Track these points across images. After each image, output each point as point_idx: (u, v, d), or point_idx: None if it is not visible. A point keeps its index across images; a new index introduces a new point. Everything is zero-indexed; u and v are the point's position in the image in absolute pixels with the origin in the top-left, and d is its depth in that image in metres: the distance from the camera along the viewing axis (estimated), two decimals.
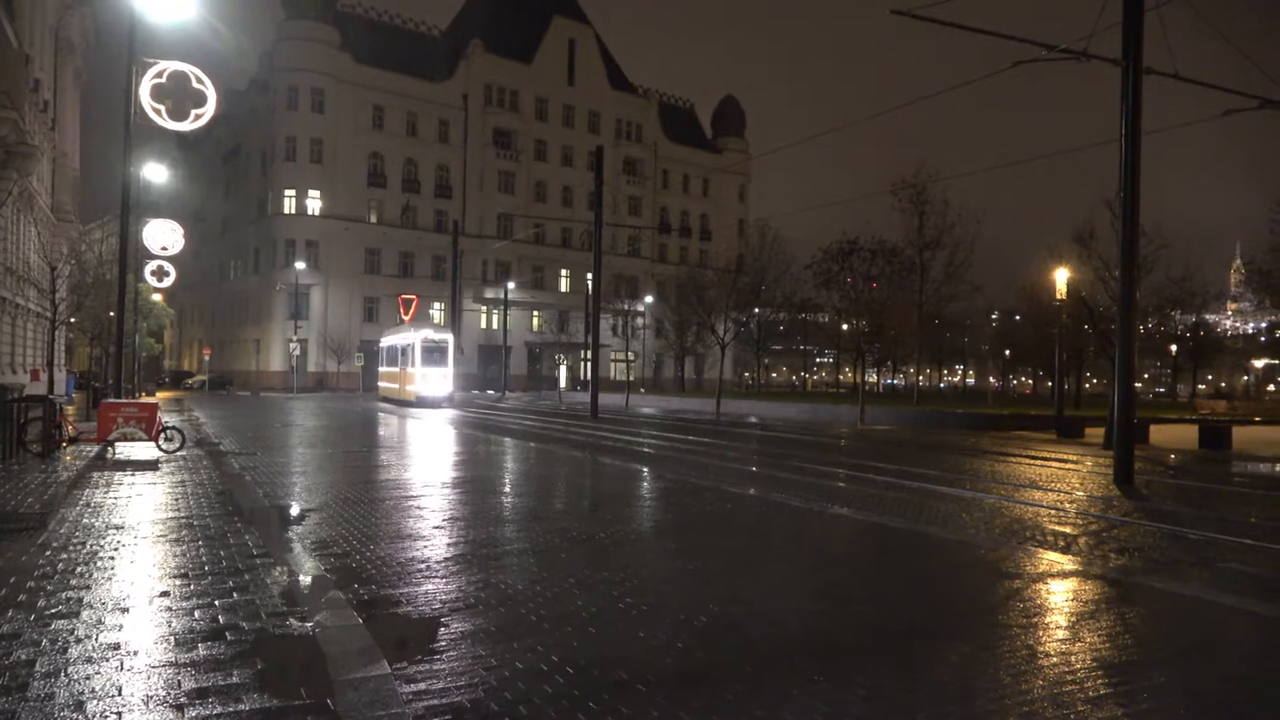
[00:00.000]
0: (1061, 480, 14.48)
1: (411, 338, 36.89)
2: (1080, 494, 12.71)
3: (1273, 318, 62.44)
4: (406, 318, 47.03)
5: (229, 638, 4.59)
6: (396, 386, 38.80)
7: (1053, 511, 10.88)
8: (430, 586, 5.88)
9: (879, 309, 36.81)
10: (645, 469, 13.85)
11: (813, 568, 7.08)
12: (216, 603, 5.27)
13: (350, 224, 63.06)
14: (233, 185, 71.30)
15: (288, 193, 61.92)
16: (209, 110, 14.51)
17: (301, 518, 8.67)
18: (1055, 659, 4.64)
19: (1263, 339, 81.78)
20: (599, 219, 36.54)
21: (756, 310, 64.20)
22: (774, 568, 6.95)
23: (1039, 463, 17.61)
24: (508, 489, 11.38)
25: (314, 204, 62.42)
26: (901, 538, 8.50)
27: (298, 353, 53.58)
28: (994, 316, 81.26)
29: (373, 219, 65.26)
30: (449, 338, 37.41)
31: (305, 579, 6.00)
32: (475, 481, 12.00)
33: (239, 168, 69.45)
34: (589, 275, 66.30)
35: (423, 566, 6.48)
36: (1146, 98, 14.41)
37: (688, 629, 5.00)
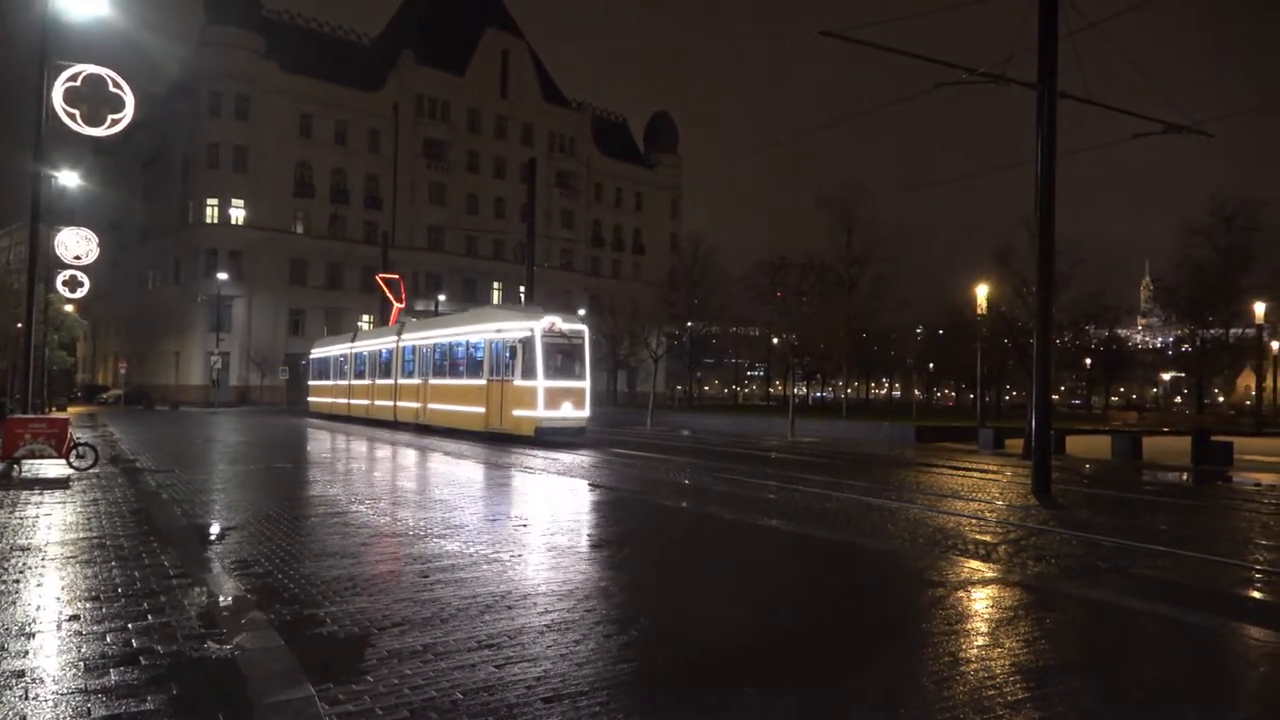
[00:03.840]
0: (982, 490, 14.89)
1: (494, 327, 23.38)
2: (1000, 503, 13.09)
3: (1179, 332, 65.32)
4: (400, 304, 36.73)
5: (143, 662, 4.42)
6: (453, 409, 25.50)
7: (974, 521, 11.18)
8: (357, 605, 5.75)
9: (808, 323, 37.47)
10: (578, 480, 13.80)
11: (744, 580, 7.14)
12: (130, 626, 5.07)
13: (276, 234, 61.58)
14: (152, 193, 69.02)
15: (210, 201, 60.19)
16: (127, 116, 14.05)
17: (222, 536, 8.41)
18: (977, 665, 4.76)
19: (1170, 353, 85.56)
20: (532, 231, 36.49)
21: (690, 324, 64.72)
22: (706, 580, 6.98)
23: (961, 473, 18.08)
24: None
25: (238, 213, 60.78)
26: (830, 548, 8.64)
27: (219, 366, 52.00)
28: (919, 331, 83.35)
29: (299, 229, 63.84)
30: (584, 331, 23.31)
31: (225, 600, 5.81)
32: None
33: (159, 175, 67.29)
34: (521, 288, 65.92)
35: (349, 585, 6.34)
36: (1064, 121, 15.01)
37: (618, 642, 5.00)
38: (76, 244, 28.10)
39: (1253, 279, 53.78)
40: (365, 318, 64.93)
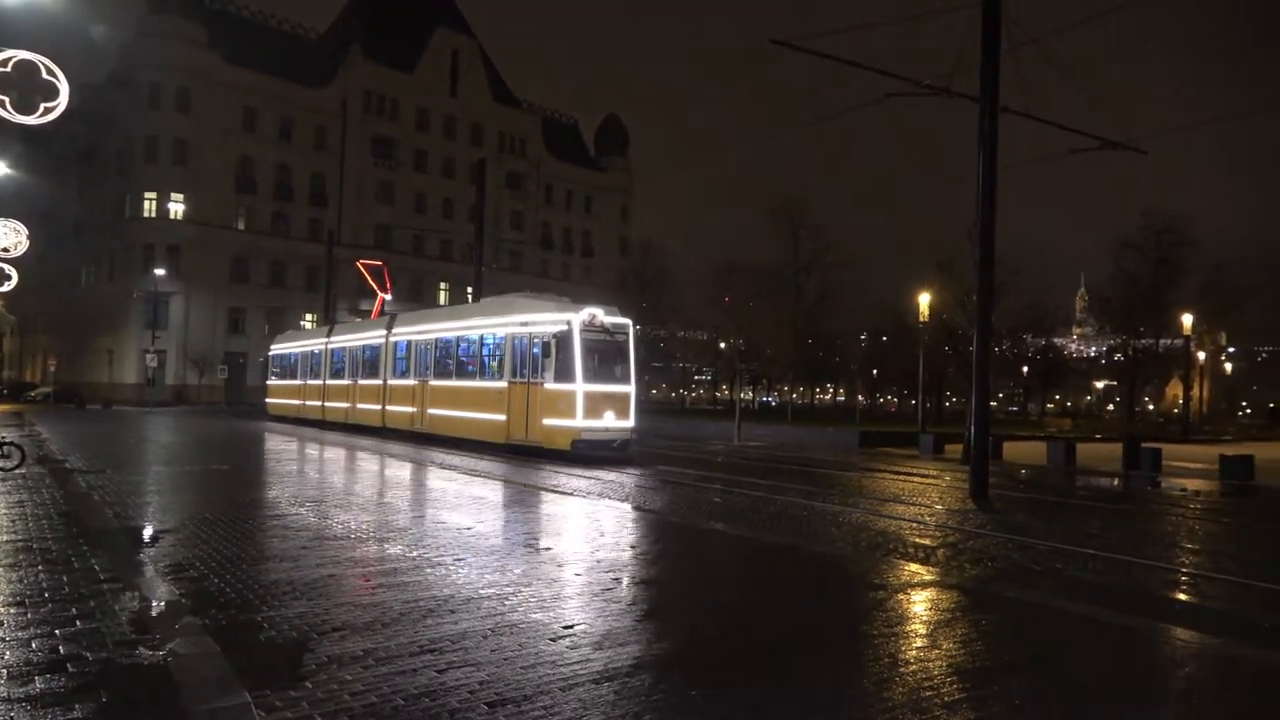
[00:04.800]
0: (923, 495, 15.17)
1: (519, 320, 19.98)
2: (939, 508, 13.35)
3: (1112, 342, 67.36)
4: (384, 294, 33.97)
5: (70, 669, 4.28)
6: (462, 416, 21.96)
7: (914, 525, 11.39)
8: (296, 609, 5.64)
9: (755, 328, 37.79)
10: (531, 487, 13.73)
11: (688, 583, 7.17)
12: (57, 632, 4.90)
13: (216, 230, 60.15)
14: (88, 185, 66.94)
15: (148, 195, 58.56)
16: (61, 104, 13.62)
17: (156, 539, 8.18)
18: (915, 666, 4.85)
19: (1103, 362, 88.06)
20: (480, 233, 36.18)
21: (638, 327, 64.84)
22: (649, 583, 6.99)
23: (902, 478, 18.40)
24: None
25: (177, 208, 59.21)
26: (775, 552, 8.72)
27: (155, 365, 50.61)
28: (863, 337, 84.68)
29: (241, 226, 62.46)
30: (629, 325, 20.11)
31: (158, 604, 5.66)
32: None
33: (95, 167, 65.28)
34: (469, 289, 65.33)
35: (288, 588, 6.22)
36: (1007, 135, 15.40)
37: (555, 648, 4.98)
38: (4, 236, 27.11)
39: (1182, 291, 55.79)
40: (308, 316, 63.80)
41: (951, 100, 16.10)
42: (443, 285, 72.60)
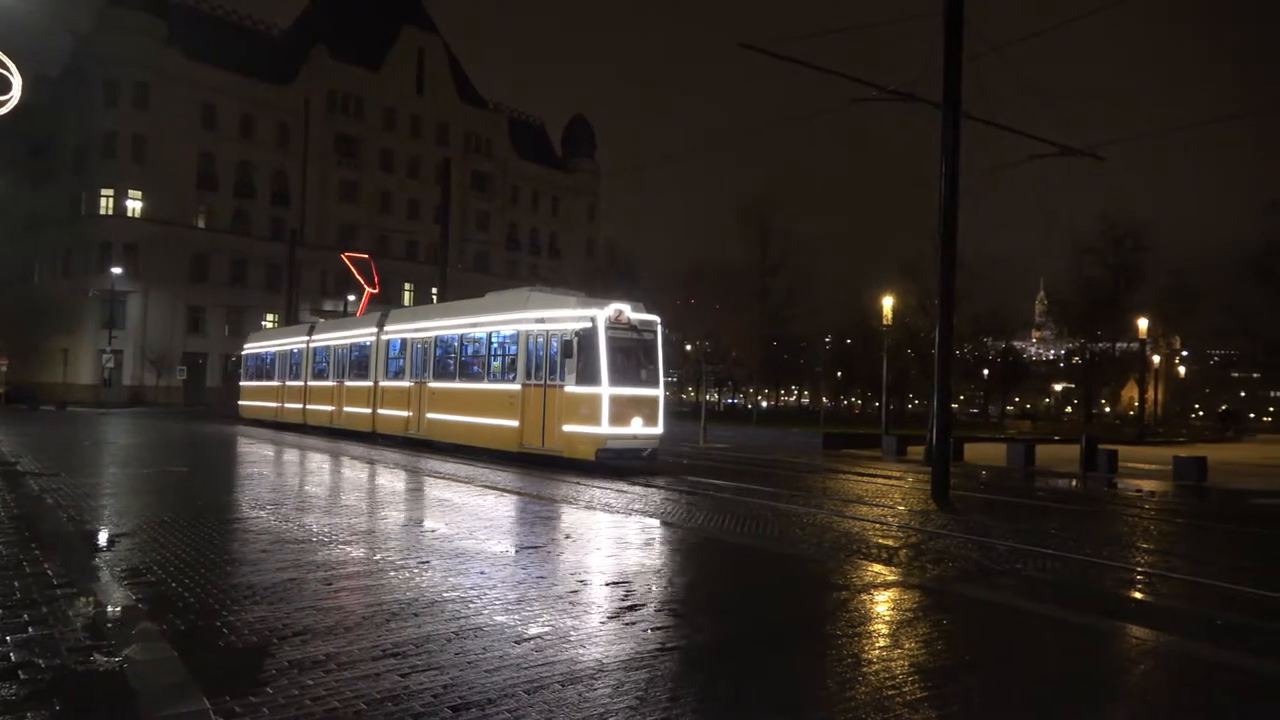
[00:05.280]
0: (885, 496, 15.34)
1: (534, 316, 18.22)
2: (902, 509, 13.51)
3: (1070, 345, 68.56)
4: (374, 288, 32.66)
5: (22, 676, 4.19)
6: (467, 422, 20.29)
7: (877, 525, 11.51)
8: (256, 614, 5.56)
9: (722, 330, 37.91)
10: (502, 493, 13.66)
11: (650, 583, 7.18)
12: (9, 639, 4.79)
13: (175, 228, 59.14)
14: (42, 181, 65.43)
15: (105, 192, 57.44)
16: (13, 98, 13.32)
17: (111, 543, 8.03)
18: (877, 666, 4.90)
19: (1062, 365, 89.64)
20: (446, 233, 35.96)
21: None
22: (612, 585, 6.99)
23: (865, 479, 18.58)
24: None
25: (135, 205, 58.17)
26: (739, 553, 8.76)
27: (111, 365, 49.65)
28: (828, 340, 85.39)
29: (201, 224, 61.51)
30: (657, 323, 18.46)
31: (113, 610, 5.55)
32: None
33: (50, 163, 63.84)
34: (434, 290, 64.78)
35: (249, 592, 6.14)
36: (970, 141, 15.63)
37: (519, 651, 4.97)
38: None
39: (1139, 296, 56.98)
40: (270, 317, 62.98)
41: (916, 106, 16.32)
42: (407, 286, 71.99)
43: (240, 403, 37.10)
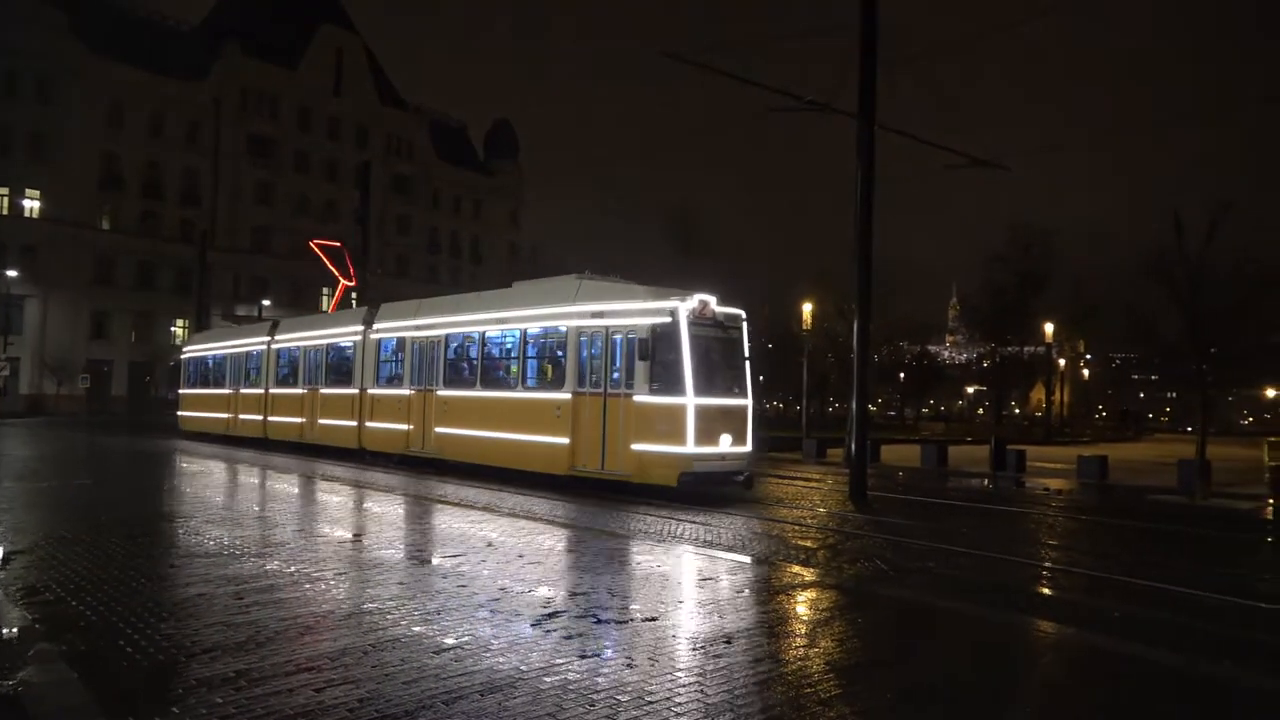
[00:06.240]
0: (806, 498, 15.63)
1: (591, 309, 15.21)
2: (821, 510, 13.79)
3: (982, 349, 70.90)
4: (350, 279, 29.34)
5: None
6: (496, 438, 16.87)
7: (796, 527, 11.73)
8: (163, 631, 5.37)
9: None
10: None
11: (571, 590, 7.17)
12: None
13: (77, 230, 56.53)
14: None
15: None
16: None
17: (5, 562, 7.64)
18: (795, 665, 5.00)
19: (974, 368, 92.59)
20: (366, 236, 35.25)
21: None
22: (541, 595, 6.97)
23: (786, 482, 18.90)
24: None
25: (33, 205, 55.46)
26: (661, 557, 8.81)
27: (7, 373, 47.19)
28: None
29: (106, 225, 58.98)
30: (743, 318, 15.71)
31: (8, 631, 5.30)
32: None
33: None
34: (354, 295, 63.30)
35: (154, 609, 5.92)
36: (888, 151, 16.06)
37: (432, 661, 4.92)
38: None
39: (1045, 301, 59.16)
40: (180, 322, 60.85)
41: (834, 116, 16.69)
42: (325, 290, 70.31)
43: (181, 413, 33.37)
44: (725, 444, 14.07)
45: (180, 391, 34.19)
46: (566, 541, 9.46)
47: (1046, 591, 8.40)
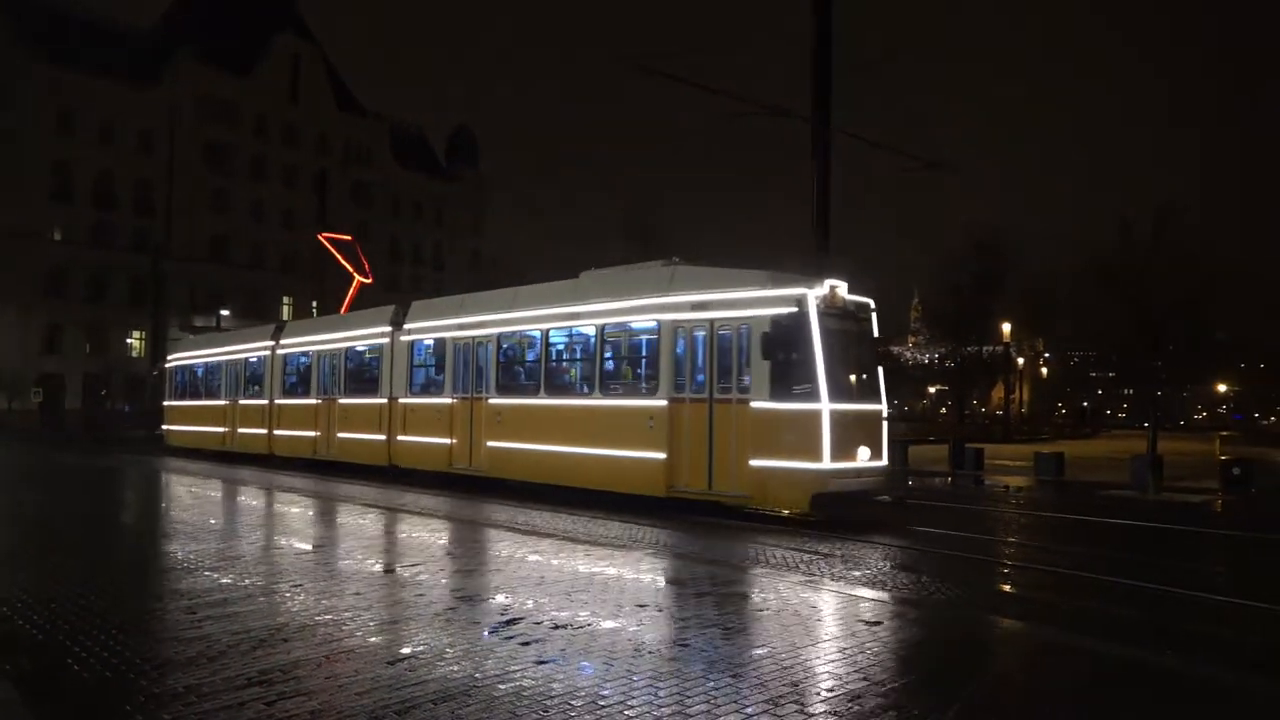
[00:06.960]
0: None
1: (690, 300, 13.14)
2: (785, 511, 13.86)
3: (943, 350, 71.81)
4: (366, 276, 26.81)
5: None
6: (566, 453, 14.78)
7: (762, 529, 11.78)
8: (113, 649, 5.27)
9: None
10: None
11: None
12: None
13: (27, 240, 55.33)
14: None
15: None
16: None
17: None
18: (766, 666, 5.03)
19: (936, 368, 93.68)
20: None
21: None
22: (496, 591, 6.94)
23: None
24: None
25: None
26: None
27: None
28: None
29: (57, 236, 57.81)
30: (872, 307, 13.82)
31: None
32: None
33: None
34: (314, 303, 62.76)
35: (102, 624, 5.80)
36: (852, 156, 16.25)
37: (398, 668, 4.89)
38: None
39: (1003, 301, 60.08)
40: (135, 334, 59.83)
41: (793, 121, 16.86)
42: (285, 300, 69.58)
43: (168, 427, 31.30)
44: (863, 458, 12.12)
45: (166, 404, 32.08)
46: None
47: (1007, 589, 8.54)
